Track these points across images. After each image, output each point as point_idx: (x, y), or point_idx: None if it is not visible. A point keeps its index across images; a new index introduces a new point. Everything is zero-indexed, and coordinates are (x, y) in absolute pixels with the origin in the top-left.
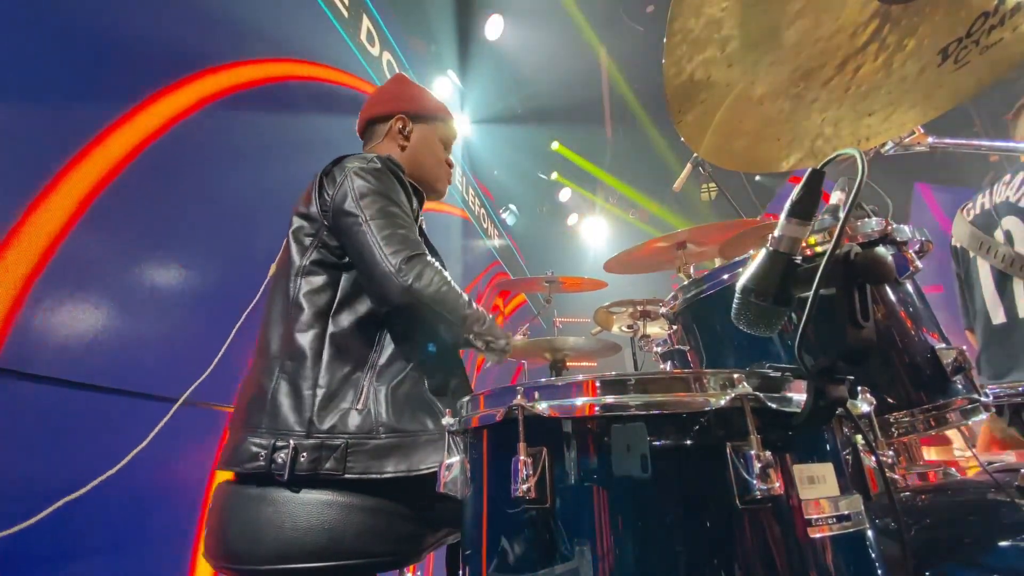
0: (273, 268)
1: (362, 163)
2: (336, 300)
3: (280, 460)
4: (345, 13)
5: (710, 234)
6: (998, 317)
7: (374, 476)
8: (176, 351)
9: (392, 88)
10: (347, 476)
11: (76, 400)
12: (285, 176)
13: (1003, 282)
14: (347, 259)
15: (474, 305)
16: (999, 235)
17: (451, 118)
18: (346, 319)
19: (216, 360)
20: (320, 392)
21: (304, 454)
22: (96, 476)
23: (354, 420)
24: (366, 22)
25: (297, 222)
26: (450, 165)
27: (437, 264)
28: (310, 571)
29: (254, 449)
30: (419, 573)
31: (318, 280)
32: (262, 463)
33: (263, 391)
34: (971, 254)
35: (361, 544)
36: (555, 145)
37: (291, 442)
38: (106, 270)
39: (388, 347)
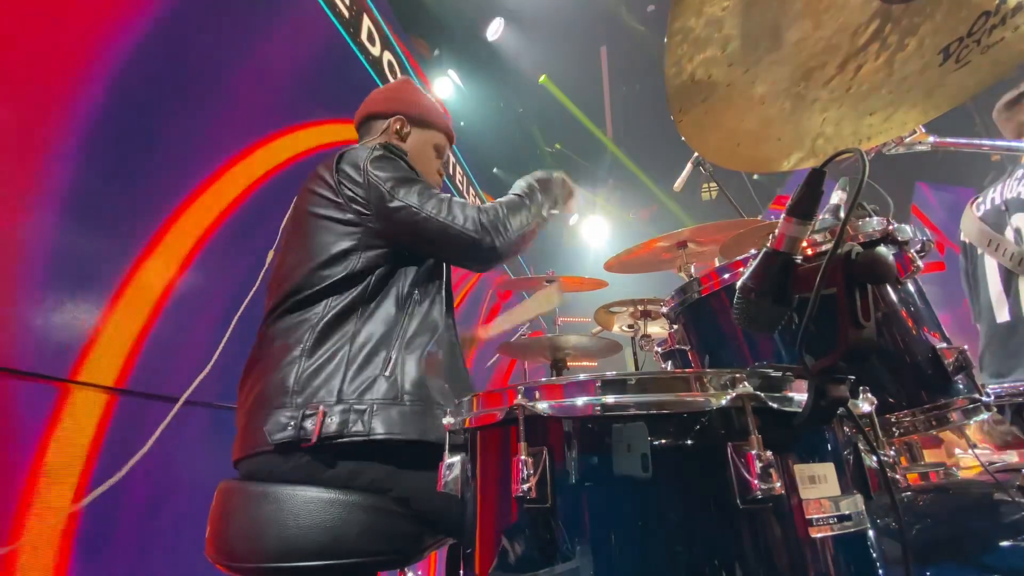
0: (271, 256)
1: (368, 154)
2: (369, 282)
3: (309, 426)
4: (346, 13)
5: (710, 234)
6: (1003, 315)
7: (398, 436)
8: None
9: (396, 89)
10: (373, 437)
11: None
12: None
13: (1010, 280)
14: (381, 244)
15: (531, 198)
16: (1009, 233)
17: (449, 128)
18: (378, 299)
19: (214, 358)
20: (353, 366)
21: (332, 417)
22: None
23: (381, 386)
24: (366, 22)
25: (319, 213)
26: (440, 175)
27: (484, 204)
28: (312, 569)
29: (283, 420)
30: (419, 573)
31: (347, 264)
32: (291, 432)
33: (286, 374)
34: (979, 251)
35: (363, 543)
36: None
37: (320, 408)
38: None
39: (414, 323)
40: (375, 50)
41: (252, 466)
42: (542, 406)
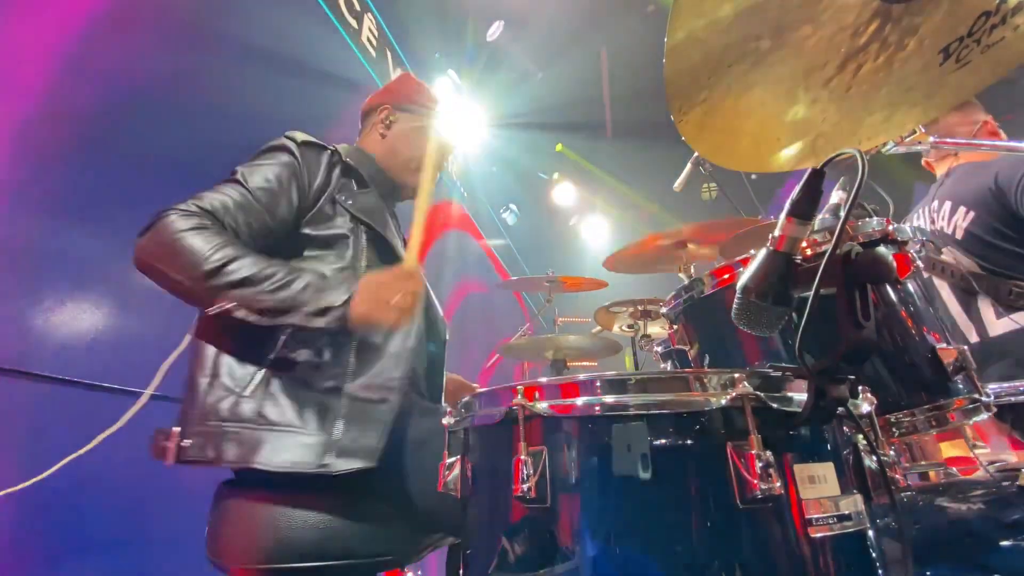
0: None
1: None
2: None
3: (170, 445)
4: (346, 13)
5: (710, 234)
6: (972, 336)
7: (255, 466)
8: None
9: (391, 83)
10: (224, 463)
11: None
12: None
13: (967, 301)
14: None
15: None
16: (947, 257)
17: (438, 110)
18: None
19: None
20: (209, 382)
21: (186, 440)
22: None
23: (240, 406)
24: (367, 23)
25: None
26: (443, 154)
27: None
28: (307, 571)
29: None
30: (419, 573)
31: None
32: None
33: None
34: (925, 273)
35: (357, 544)
36: (558, 147)
37: (177, 428)
38: None
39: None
40: (375, 51)
41: (232, 486)
42: (542, 406)
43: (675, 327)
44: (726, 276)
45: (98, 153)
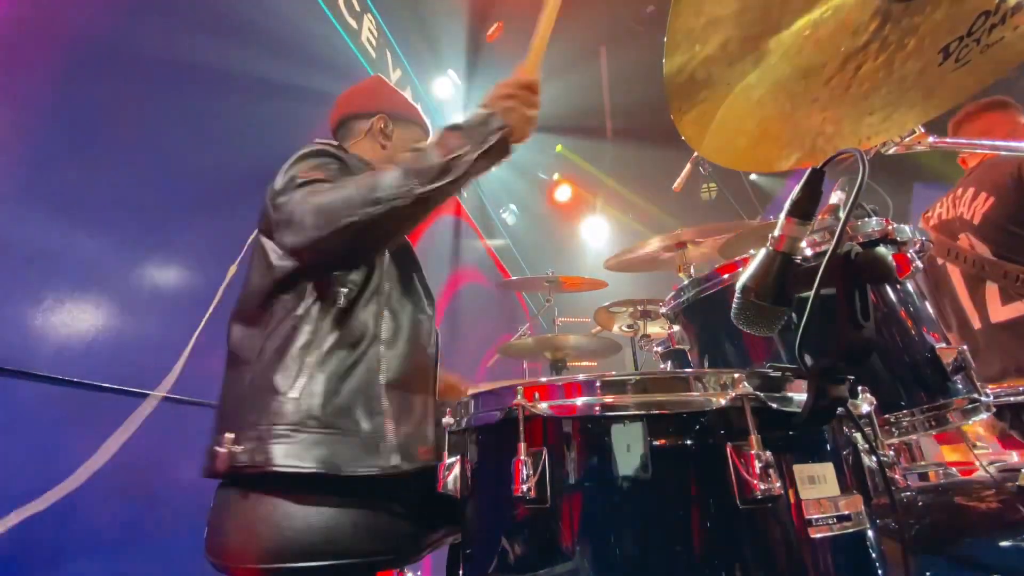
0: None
1: (299, 151)
2: (280, 290)
3: (220, 452)
4: (346, 14)
5: (710, 234)
6: (976, 322)
7: (303, 470)
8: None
9: (372, 87)
10: (273, 470)
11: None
12: None
13: (975, 287)
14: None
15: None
16: (962, 242)
17: (426, 124)
18: (288, 310)
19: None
20: (255, 388)
21: (237, 447)
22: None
23: (288, 409)
24: (367, 23)
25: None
26: None
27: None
28: (308, 570)
29: (211, 447)
30: (419, 573)
31: (266, 275)
32: (206, 461)
33: (224, 393)
34: (940, 261)
35: (358, 543)
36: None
37: (226, 436)
38: None
39: (330, 336)
40: (375, 51)
41: (231, 486)
42: (542, 406)
43: (675, 327)
44: (726, 276)
45: (98, 153)
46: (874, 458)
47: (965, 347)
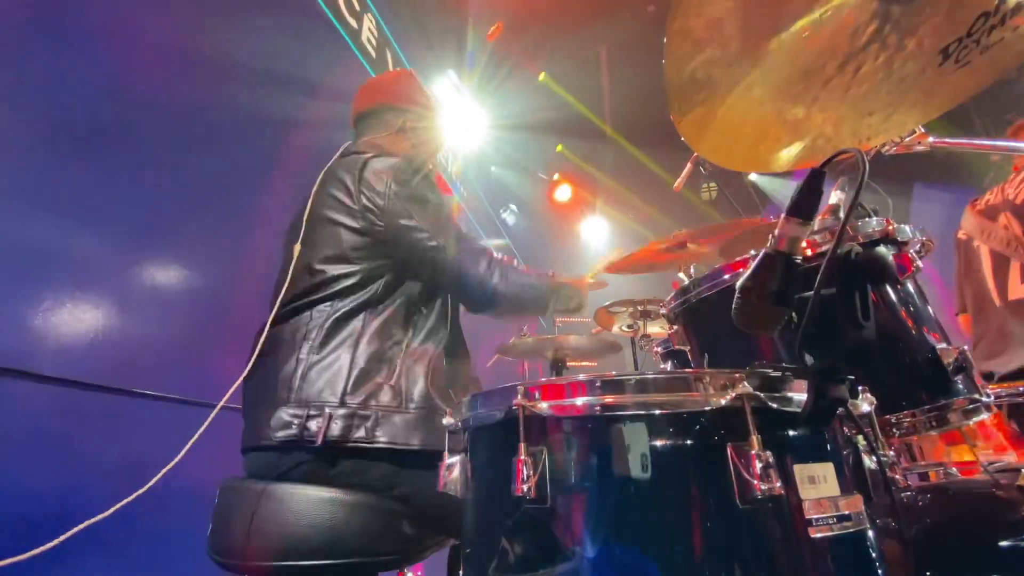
0: (297, 248)
1: (393, 168)
2: (377, 288)
3: (313, 427)
4: (346, 13)
5: (710, 234)
6: (996, 299)
7: (400, 446)
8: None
9: (406, 83)
10: (376, 444)
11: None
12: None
13: (1000, 265)
14: (389, 255)
15: (543, 280)
16: (1000, 221)
17: (442, 117)
18: (384, 305)
19: (249, 366)
20: (355, 370)
21: (336, 422)
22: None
23: (386, 394)
24: (367, 22)
25: (333, 218)
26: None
27: (506, 259)
28: (312, 568)
29: (286, 418)
30: (419, 573)
31: (356, 269)
32: (294, 431)
33: (293, 371)
34: (975, 243)
35: (362, 543)
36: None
37: (326, 410)
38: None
39: (421, 331)
40: (375, 51)
41: (257, 460)
42: (542, 406)
43: (675, 327)
44: (726, 276)
45: (99, 152)
46: (874, 458)
47: (966, 347)
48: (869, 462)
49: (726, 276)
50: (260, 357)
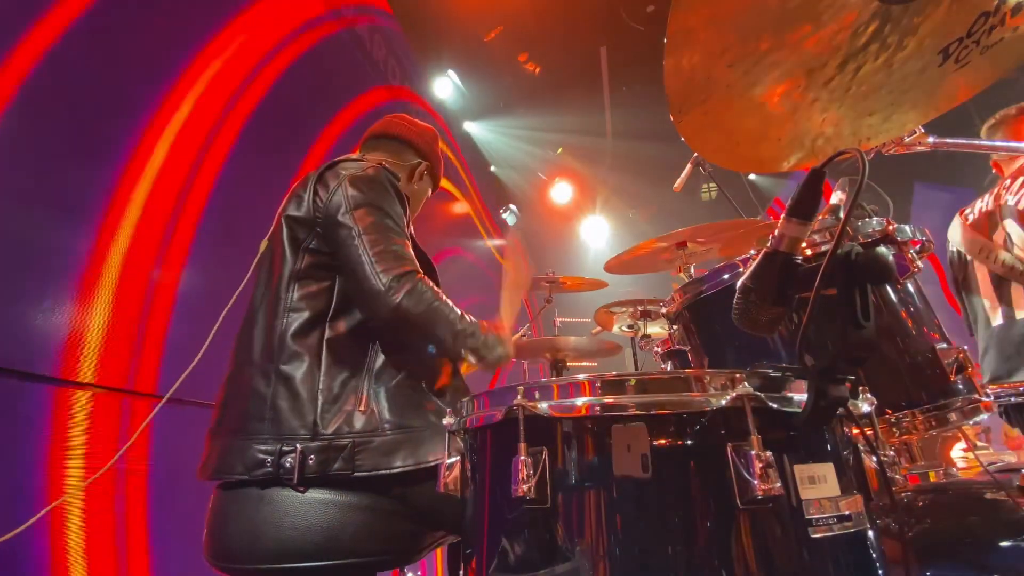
0: (264, 244)
1: (357, 170)
2: (332, 305)
3: (288, 464)
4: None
5: (710, 234)
6: (997, 319)
7: (383, 472)
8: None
9: (431, 137)
10: (356, 474)
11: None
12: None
13: (1001, 284)
14: (331, 253)
15: (466, 319)
16: (998, 237)
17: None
18: (343, 324)
19: (198, 357)
20: (322, 396)
21: (312, 456)
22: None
23: (359, 421)
24: (368, 22)
25: (288, 225)
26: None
27: (429, 281)
28: (309, 570)
29: (259, 456)
30: (419, 573)
31: (314, 285)
32: (269, 469)
33: (260, 397)
34: (968, 258)
35: (359, 543)
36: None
37: (297, 446)
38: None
39: (383, 351)
40: (375, 51)
41: (232, 488)
42: (542, 406)
43: (675, 328)
44: (726, 276)
45: (99, 152)
46: (874, 458)
47: (966, 347)
48: (869, 462)
49: (726, 276)
50: (228, 375)
